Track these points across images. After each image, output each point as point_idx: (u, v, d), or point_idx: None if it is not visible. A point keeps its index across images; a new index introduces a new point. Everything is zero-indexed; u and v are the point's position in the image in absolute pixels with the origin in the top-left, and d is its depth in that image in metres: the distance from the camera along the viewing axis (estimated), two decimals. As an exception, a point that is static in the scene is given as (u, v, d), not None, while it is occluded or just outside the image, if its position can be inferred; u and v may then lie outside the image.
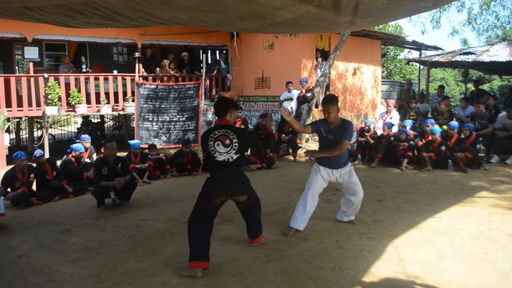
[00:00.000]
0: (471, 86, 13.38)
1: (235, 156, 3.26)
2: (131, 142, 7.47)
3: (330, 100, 3.80)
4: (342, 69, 11.39)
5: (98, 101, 9.39)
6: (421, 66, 15.93)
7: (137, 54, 9.75)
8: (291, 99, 9.25)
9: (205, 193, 3.27)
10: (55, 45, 11.01)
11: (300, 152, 8.60)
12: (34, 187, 6.15)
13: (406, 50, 19.37)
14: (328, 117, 3.77)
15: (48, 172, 6.22)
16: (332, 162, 3.86)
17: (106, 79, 9.65)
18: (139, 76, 9.78)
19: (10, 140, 9.07)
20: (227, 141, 3.25)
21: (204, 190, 3.29)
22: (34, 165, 6.22)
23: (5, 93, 8.43)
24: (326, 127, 3.84)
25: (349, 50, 10.97)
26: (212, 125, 4.18)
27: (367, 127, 8.16)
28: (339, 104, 3.92)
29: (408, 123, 8.11)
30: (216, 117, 3.47)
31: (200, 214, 3.24)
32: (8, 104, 8.45)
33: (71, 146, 6.97)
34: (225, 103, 3.46)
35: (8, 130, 8.44)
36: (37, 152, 6.24)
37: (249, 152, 8.34)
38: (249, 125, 9.29)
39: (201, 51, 12.60)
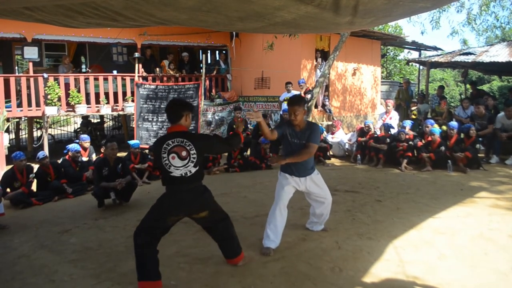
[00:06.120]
0: (470, 87, 13.39)
1: (193, 170, 2.83)
2: (131, 142, 7.45)
3: (297, 101, 3.46)
4: (342, 69, 11.39)
5: (97, 101, 9.38)
6: (421, 67, 15.96)
7: (136, 54, 9.76)
8: (290, 99, 9.22)
9: (160, 210, 2.88)
10: (55, 45, 10.98)
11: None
12: (34, 187, 6.16)
13: (406, 51, 19.37)
14: (294, 119, 3.44)
15: (51, 174, 6.22)
16: (299, 169, 3.52)
17: (105, 79, 9.64)
18: (138, 76, 9.78)
19: (10, 140, 9.05)
20: (184, 153, 2.80)
21: (159, 207, 2.89)
22: (34, 165, 6.22)
23: (4, 93, 8.42)
24: (291, 130, 3.51)
25: (348, 50, 10.96)
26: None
27: (366, 127, 8.16)
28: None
29: (407, 123, 8.11)
30: (169, 123, 3.01)
31: (150, 231, 2.87)
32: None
33: (67, 146, 6.97)
34: (179, 105, 3.00)
35: (7, 130, 8.43)
36: (41, 153, 6.25)
37: (248, 152, 8.34)
38: (249, 126, 9.28)
39: (200, 51, 12.60)
